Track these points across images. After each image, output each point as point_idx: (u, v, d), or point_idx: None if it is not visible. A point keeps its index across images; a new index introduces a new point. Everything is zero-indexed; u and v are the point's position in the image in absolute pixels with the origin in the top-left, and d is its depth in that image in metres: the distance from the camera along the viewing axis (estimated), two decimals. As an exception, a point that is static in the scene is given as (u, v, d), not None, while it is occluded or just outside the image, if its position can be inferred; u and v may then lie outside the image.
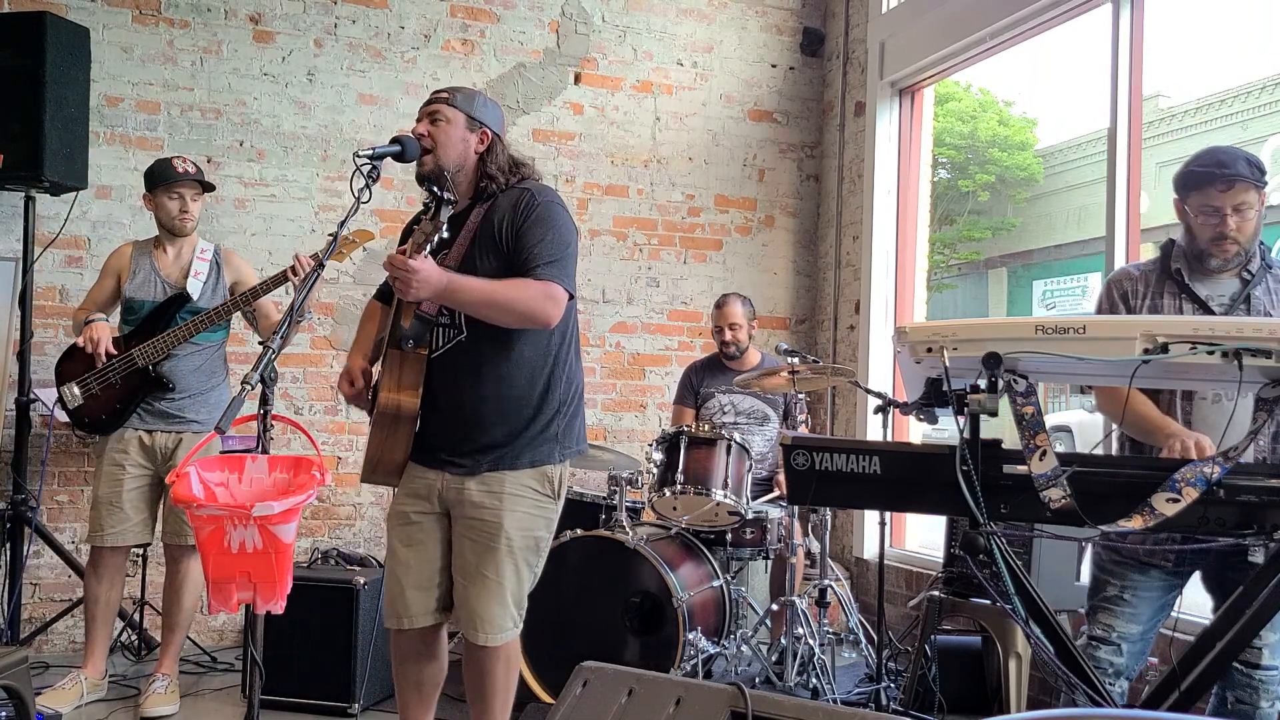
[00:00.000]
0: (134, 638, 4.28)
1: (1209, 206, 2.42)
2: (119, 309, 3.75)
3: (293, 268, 3.47)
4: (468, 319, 2.52)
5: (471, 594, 2.53)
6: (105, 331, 3.57)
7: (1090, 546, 2.72)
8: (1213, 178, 2.41)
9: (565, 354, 2.65)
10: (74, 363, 3.63)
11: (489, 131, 2.62)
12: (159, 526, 3.76)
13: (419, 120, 2.59)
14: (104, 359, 3.55)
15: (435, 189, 2.31)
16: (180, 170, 3.67)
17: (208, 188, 3.79)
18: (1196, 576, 2.51)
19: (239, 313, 3.70)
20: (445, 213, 2.31)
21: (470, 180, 2.61)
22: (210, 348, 3.72)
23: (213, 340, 3.72)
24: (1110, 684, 2.47)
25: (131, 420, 3.62)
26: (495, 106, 2.70)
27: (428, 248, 2.32)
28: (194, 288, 3.68)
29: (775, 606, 3.91)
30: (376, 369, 2.69)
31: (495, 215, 2.55)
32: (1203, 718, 2.47)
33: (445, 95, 2.60)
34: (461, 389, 2.53)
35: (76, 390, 3.62)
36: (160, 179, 3.66)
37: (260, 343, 3.64)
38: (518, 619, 2.60)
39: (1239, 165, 2.40)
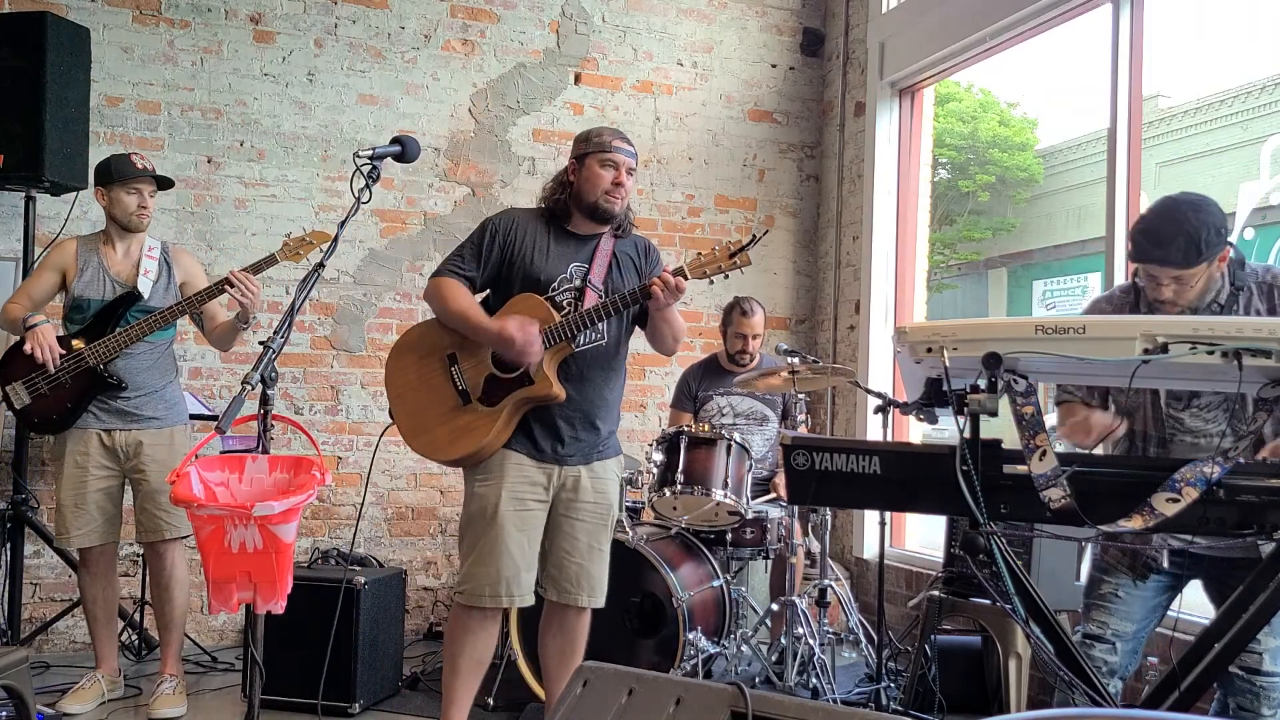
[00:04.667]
0: (134, 638, 4.28)
1: (1148, 275, 2.34)
2: (64, 306, 3.65)
3: (228, 280, 3.40)
4: (609, 328, 2.91)
5: (593, 567, 2.94)
6: (51, 336, 3.49)
7: (1090, 546, 2.72)
8: (1147, 256, 2.31)
9: None
10: (17, 362, 3.54)
11: None
12: (130, 527, 3.72)
13: (619, 167, 2.86)
14: (58, 362, 3.46)
15: (755, 234, 2.78)
16: (140, 166, 3.61)
17: (164, 185, 3.74)
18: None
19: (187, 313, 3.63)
20: (750, 258, 2.78)
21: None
22: (161, 345, 3.67)
23: (164, 338, 3.67)
24: (1104, 683, 2.47)
25: (88, 420, 3.56)
26: None
27: (713, 279, 2.81)
28: (144, 286, 3.61)
29: (775, 606, 3.91)
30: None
31: (627, 249, 3.01)
32: (1203, 718, 2.47)
33: (635, 151, 2.94)
34: (590, 385, 2.90)
35: (23, 391, 3.54)
36: (119, 175, 3.59)
37: (260, 343, 3.63)
38: None
39: (1174, 248, 2.25)
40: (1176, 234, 2.26)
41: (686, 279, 2.73)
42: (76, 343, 3.53)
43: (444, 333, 2.92)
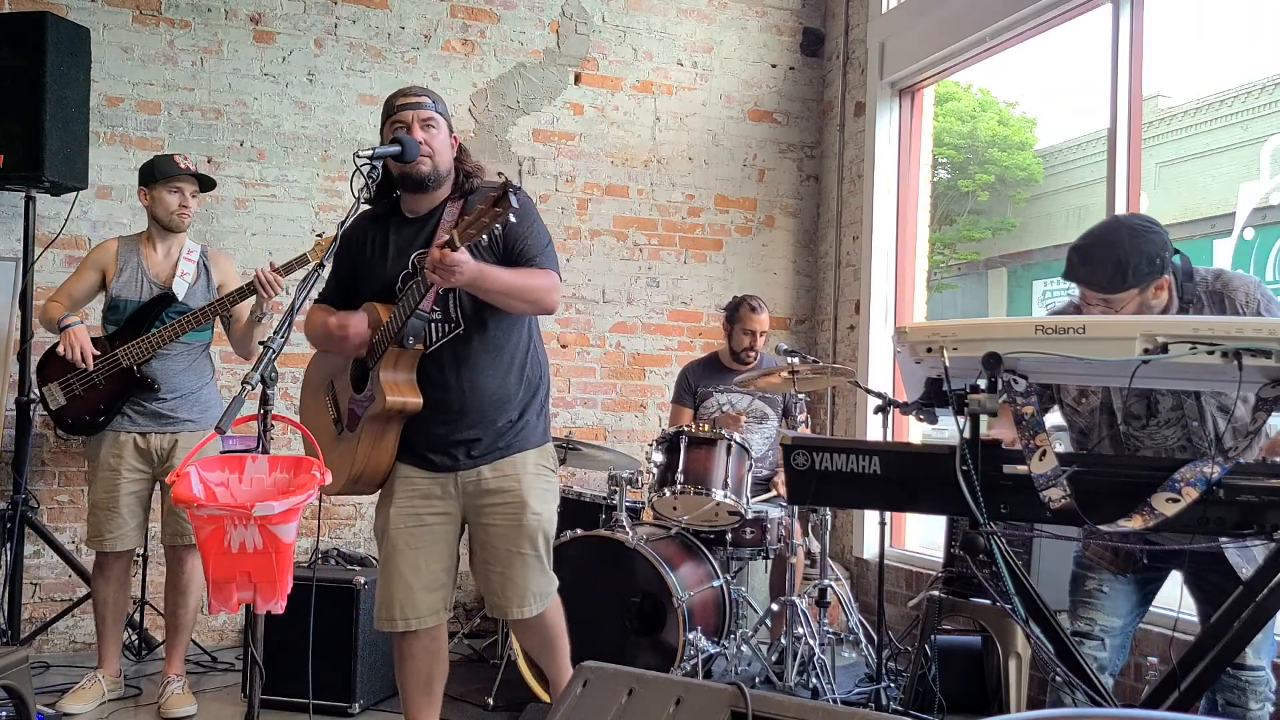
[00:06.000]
0: (134, 637, 4.28)
1: (1081, 293, 2.32)
2: (102, 306, 3.70)
3: (257, 280, 3.42)
4: (464, 314, 2.61)
5: (516, 574, 2.65)
6: (84, 337, 3.52)
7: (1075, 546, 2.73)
8: (1074, 275, 2.29)
9: (537, 340, 2.80)
10: (55, 363, 3.59)
11: (456, 136, 2.74)
12: (156, 529, 3.75)
13: (409, 126, 2.59)
14: (90, 364, 3.50)
15: (508, 182, 2.31)
16: (182, 166, 3.65)
17: (206, 186, 3.77)
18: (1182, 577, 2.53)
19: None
20: (514, 201, 2.29)
21: (450, 180, 2.69)
22: (198, 347, 3.69)
23: (200, 339, 3.69)
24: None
25: (123, 423, 3.58)
26: None
27: (483, 239, 2.37)
28: (179, 288, 3.63)
29: (775, 606, 3.91)
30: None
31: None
32: (1202, 717, 2.47)
33: (430, 100, 2.66)
34: (461, 382, 2.62)
35: (58, 391, 3.58)
36: (161, 173, 3.63)
37: (261, 343, 3.63)
38: (554, 579, 2.77)
39: (1100, 270, 2.22)
40: (1106, 258, 2.23)
41: (456, 248, 2.34)
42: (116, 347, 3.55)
43: (323, 362, 2.82)
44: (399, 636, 2.70)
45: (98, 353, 3.54)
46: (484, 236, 2.36)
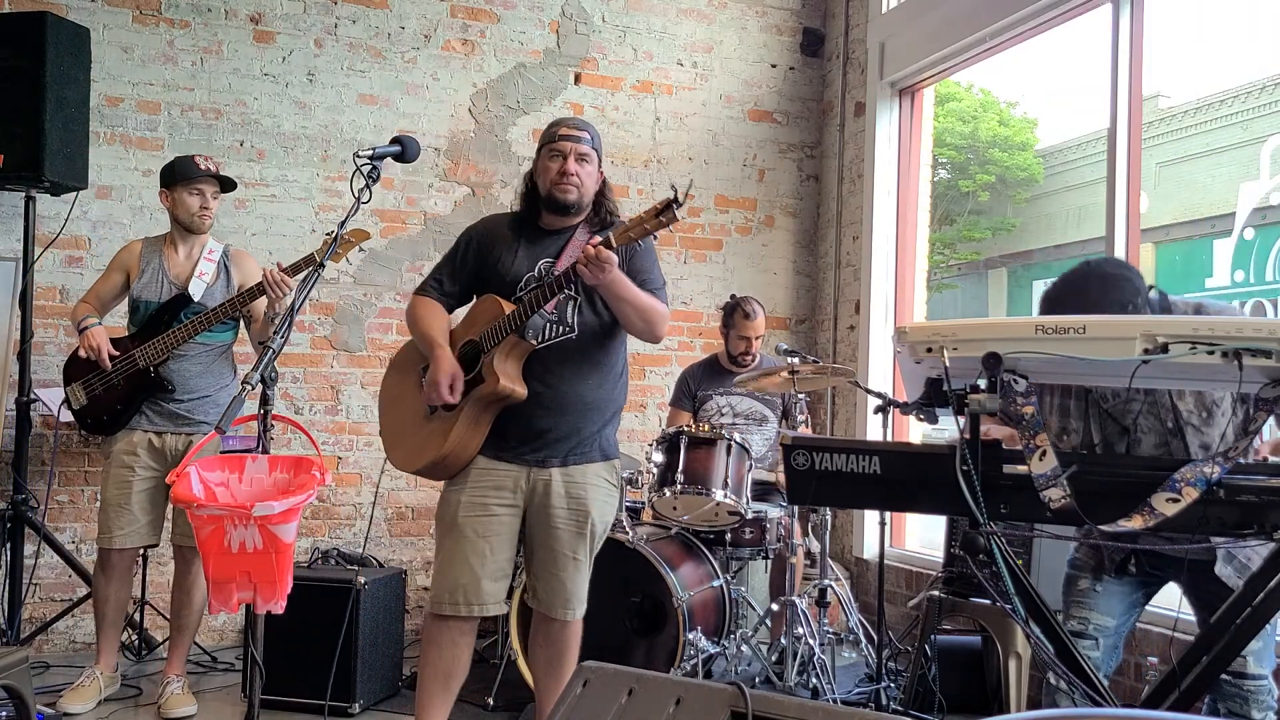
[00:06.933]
0: (134, 637, 4.27)
1: None
2: (126, 307, 3.72)
3: (266, 280, 3.39)
4: (579, 319, 2.77)
5: (566, 577, 2.78)
6: (102, 337, 3.55)
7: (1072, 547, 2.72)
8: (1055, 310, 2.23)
9: (627, 363, 2.97)
10: (78, 363, 3.62)
11: (602, 172, 2.89)
12: (167, 528, 3.75)
13: (565, 155, 2.75)
14: (108, 363, 3.53)
15: (676, 196, 2.51)
16: (202, 167, 3.64)
17: (227, 187, 3.76)
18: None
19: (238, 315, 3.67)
20: (677, 214, 2.52)
21: (586, 210, 2.85)
22: (217, 348, 3.68)
23: (219, 340, 3.68)
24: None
25: (139, 422, 3.59)
26: None
27: (638, 246, 2.67)
28: (196, 288, 3.63)
29: (775, 606, 3.91)
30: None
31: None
32: (1203, 717, 2.47)
33: (589, 136, 2.83)
34: (562, 383, 2.75)
35: (80, 391, 3.61)
36: (182, 175, 3.62)
37: (260, 343, 3.63)
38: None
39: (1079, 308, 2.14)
40: (1074, 308, 2.18)
41: (611, 247, 2.54)
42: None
43: (418, 348, 2.89)
44: (435, 623, 2.75)
45: (116, 353, 3.56)
46: (639, 244, 2.62)
